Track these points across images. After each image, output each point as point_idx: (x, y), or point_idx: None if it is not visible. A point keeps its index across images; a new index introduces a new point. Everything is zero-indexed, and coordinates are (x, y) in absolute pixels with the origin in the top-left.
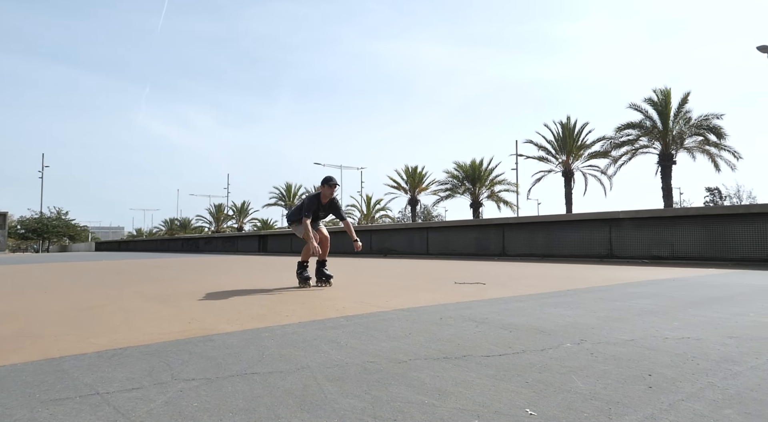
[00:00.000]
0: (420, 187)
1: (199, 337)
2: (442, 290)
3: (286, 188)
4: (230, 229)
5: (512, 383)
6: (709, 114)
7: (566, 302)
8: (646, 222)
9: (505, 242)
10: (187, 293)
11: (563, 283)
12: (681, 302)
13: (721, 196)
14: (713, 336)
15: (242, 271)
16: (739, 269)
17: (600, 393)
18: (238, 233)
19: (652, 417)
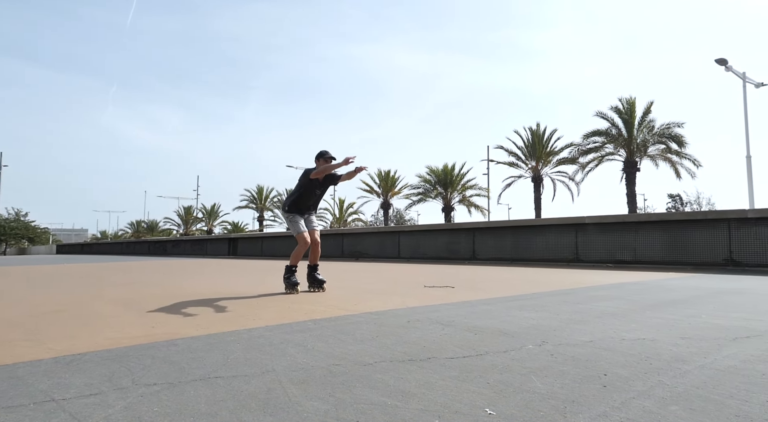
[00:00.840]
0: (392, 191)
1: (162, 342)
2: (412, 293)
3: (257, 190)
4: (199, 232)
5: (474, 384)
6: (671, 123)
7: (531, 305)
8: (611, 227)
9: (475, 246)
10: (152, 297)
11: (530, 286)
12: (640, 305)
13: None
14: (667, 337)
15: (210, 274)
16: (697, 273)
17: (557, 393)
18: (207, 236)
19: (605, 414)
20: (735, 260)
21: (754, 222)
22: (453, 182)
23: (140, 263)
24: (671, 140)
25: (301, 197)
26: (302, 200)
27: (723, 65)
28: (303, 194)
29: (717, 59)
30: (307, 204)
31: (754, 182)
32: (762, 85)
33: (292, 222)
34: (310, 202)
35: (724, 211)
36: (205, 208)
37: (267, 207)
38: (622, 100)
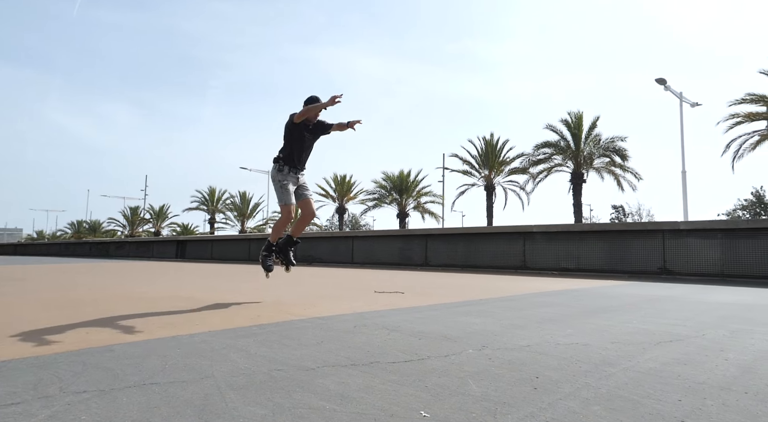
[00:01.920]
0: (348, 196)
1: (97, 347)
2: (362, 299)
3: (209, 192)
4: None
5: (412, 387)
6: (615, 137)
7: (476, 311)
8: (556, 236)
9: (428, 252)
10: (89, 301)
11: (477, 292)
12: (578, 311)
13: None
14: (599, 341)
15: (155, 277)
16: (634, 281)
17: (491, 395)
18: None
19: (532, 415)
20: (668, 269)
21: (685, 234)
22: (408, 188)
23: (79, 265)
24: (615, 153)
25: (294, 148)
26: (296, 151)
27: (662, 85)
28: (294, 144)
29: (657, 79)
30: (300, 156)
31: (688, 196)
32: (697, 105)
33: (281, 188)
34: (303, 153)
35: (659, 223)
36: (153, 209)
37: (219, 209)
38: (571, 114)
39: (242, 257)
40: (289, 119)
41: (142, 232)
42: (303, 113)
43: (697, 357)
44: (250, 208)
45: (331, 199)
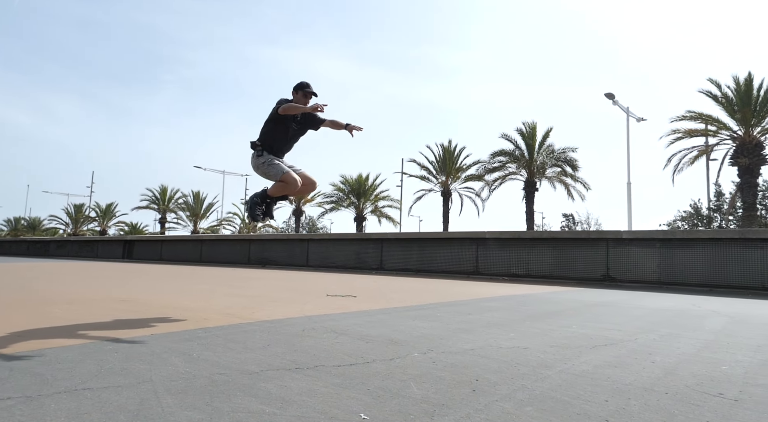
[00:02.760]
0: (306, 198)
1: (27, 352)
2: (314, 302)
3: (161, 190)
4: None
5: (355, 390)
6: (566, 148)
7: (426, 315)
8: (508, 243)
9: (383, 256)
10: (20, 302)
11: (429, 297)
12: (523, 316)
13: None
14: (539, 345)
15: (97, 279)
16: (579, 287)
17: (430, 397)
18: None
19: (468, 416)
20: (611, 276)
21: (627, 242)
22: (366, 192)
23: (14, 265)
24: (566, 163)
25: (277, 138)
26: (278, 142)
27: (611, 99)
28: (278, 134)
29: (606, 94)
30: (282, 148)
31: (633, 206)
32: (642, 120)
33: (269, 165)
34: (286, 145)
35: (604, 231)
36: (100, 207)
37: (171, 209)
38: (526, 124)
39: (194, 258)
40: (276, 107)
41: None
42: (285, 110)
43: (627, 360)
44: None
45: (288, 201)
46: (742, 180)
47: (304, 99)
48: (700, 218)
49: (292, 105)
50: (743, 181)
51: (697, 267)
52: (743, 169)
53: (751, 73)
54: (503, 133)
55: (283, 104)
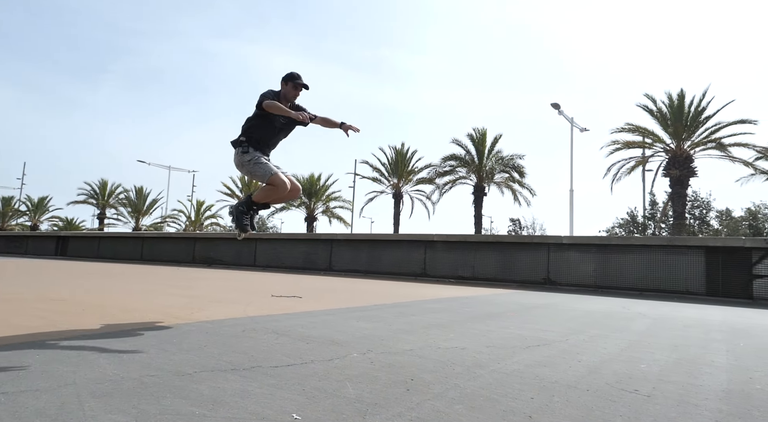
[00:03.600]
0: None
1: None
2: (257, 302)
3: (100, 185)
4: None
5: (290, 391)
6: (514, 154)
7: (370, 316)
8: (455, 245)
9: (333, 257)
10: None
11: (375, 298)
12: (465, 317)
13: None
14: (476, 345)
15: (28, 276)
16: (521, 290)
17: (365, 397)
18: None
19: (399, 414)
20: (551, 279)
21: (567, 247)
22: (318, 192)
23: None
24: (514, 170)
25: (264, 132)
26: (265, 136)
27: (556, 109)
28: (265, 128)
29: (552, 104)
30: (269, 142)
31: (575, 213)
32: (585, 130)
33: (256, 164)
34: (274, 139)
35: (545, 237)
36: (31, 200)
37: (111, 204)
38: (476, 130)
39: (135, 256)
40: (259, 100)
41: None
42: (269, 107)
43: (556, 360)
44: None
45: (237, 199)
46: (673, 191)
47: (293, 91)
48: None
49: (276, 105)
50: (674, 191)
51: (629, 272)
52: (674, 180)
53: (683, 90)
54: (454, 138)
55: (267, 99)
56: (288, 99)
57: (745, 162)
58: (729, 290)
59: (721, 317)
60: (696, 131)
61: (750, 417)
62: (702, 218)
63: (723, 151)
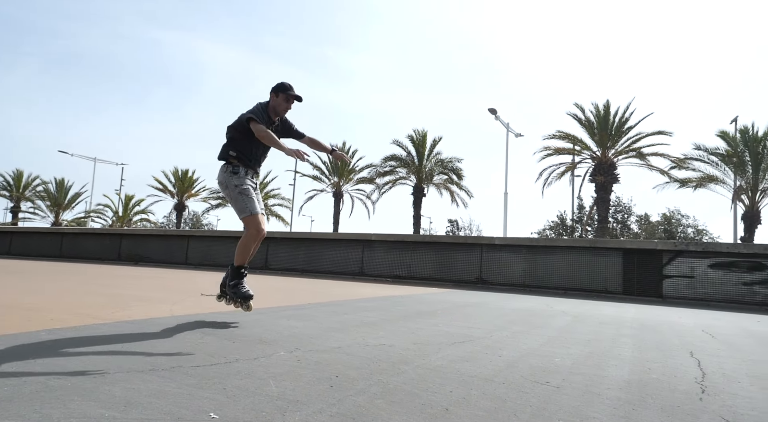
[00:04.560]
0: (189, 192)
1: None
2: (185, 301)
3: (14, 175)
4: None
5: (209, 390)
6: (453, 157)
7: (302, 315)
8: (393, 245)
9: (269, 255)
10: None
11: (310, 297)
12: (396, 316)
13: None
14: (404, 342)
15: None
16: (455, 289)
17: (287, 394)
18: None
19: (320, 410)
20: (484, 278)
21: (499, 248)
22: None
23: None
24: (452, 172)
25: (253, 145)
26: (254, 150)
27: (493, 114)
28: (254, 141)
29: (489, 109)
30: (259, 156)
31: (509, 215)
32: (520, 135)
33: (241, 194)
34: (264, 153)
35: (479, 237)
36: None
37: (27, 197)
38: (417, 131)
39: (53, 253)
40: (246, 116)
41: None
42: (260, 135)
43: (479, 355)
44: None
45: (170, 194)
46: (598, 196)
47: (285, 104)
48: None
49: (269, 136)
50: (599, 196)
51: (555, 272)
52: (599, 185)
53: (609, 101)
54: (395, 139)
55: (255, 121)
56: (278, 112)
57: (662, 170)
58: (642, 289)
59: (634, 314)
60: (619, 140)
61: (643, 403)
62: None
63: (643, 159)
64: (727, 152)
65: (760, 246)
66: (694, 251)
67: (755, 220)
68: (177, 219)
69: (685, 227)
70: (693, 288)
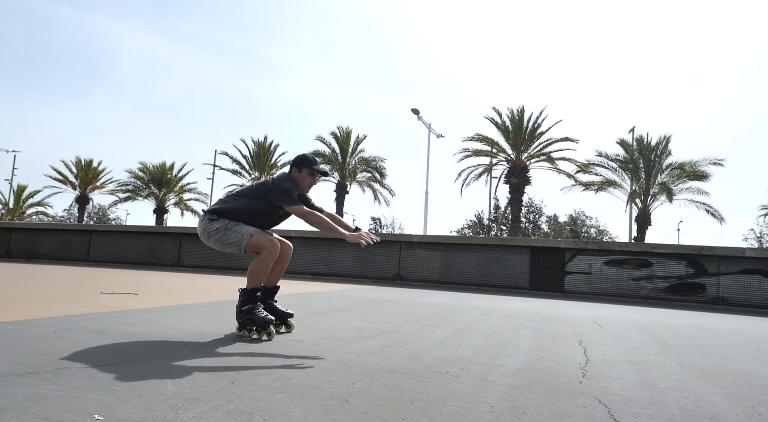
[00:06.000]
0: (94, 184)
1: None
2: (82, 300)
3: None
4: None
5: (97, 392)
6: (377, 157)
7: (212, 313)
8: (313, 242)
9: (182, 252)
10: None
11: (222, 294)
12: (311, 312)
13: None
14: (314, 338)
15: None
16: (374, 286)
17: (183, 392)
18: None
19: (216, 407)
20: (402, 275)
21: (417, 245)
22: (170, 182)
23: None
24: (376, 170)
25: (256, 218)
26: (257, 222)
27: (416, 114)
28: (261, 215)
29: (412, 109)
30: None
31: (429, 213)
32: (441, 136)
33: (227, 229)
34: (270, 224)
35: (398, 235)
36: None
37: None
38: (341, 128)
39: None
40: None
41: None
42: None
43: (387, 348)
44: None
45: (71, 186)
46: (512, 197)
47: (310, 179)
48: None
49: (324, 223)
50: (513, 197)
51: (470, 269)
52: (513, 187)
53: (524, 106)
54: (318, 135)
55: (299, 207)
56: (301, 189)
57: (568, 174)
58: (547, 285)
59: (536, 308)
60: (532, 145)
61: (530, 388)
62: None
63: (552, 163)
64: (625, 158)
65: (647, 245)
66: (591, 249)
67: (646, 221)
68: (79, 213)
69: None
70: (590, 283)
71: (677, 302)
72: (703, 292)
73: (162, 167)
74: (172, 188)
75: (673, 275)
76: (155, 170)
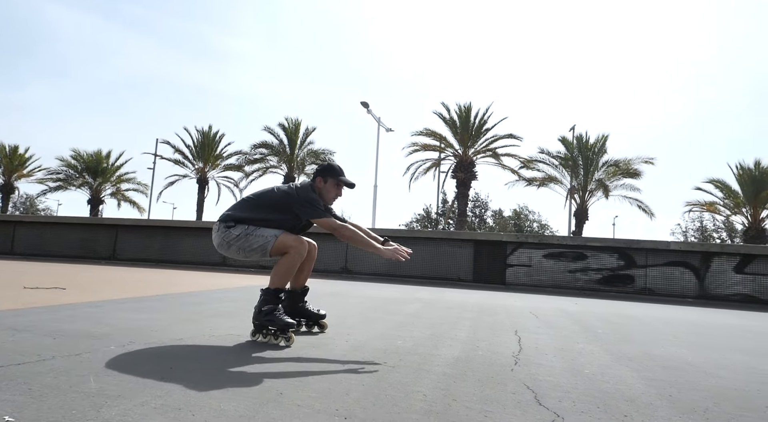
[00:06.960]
0: (20, 172)
1: None
2: (1, 296)
3: None
4: None
5: (10, 392)
6: (326, 149)
7: (148, 307)
8: None
9: (117, 245)
10: None
11: (161, 288)
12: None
13: None
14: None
15: None
16: (321, 279)
17: (108, 390)
18: None
19: (143, 403)
20: (349, 269)
21: None
22: (106, 171)
23: None
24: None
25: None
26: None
27: (365, 108)
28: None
29: (362, 102)
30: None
31: (378, 207)
32: (390, 130)
33: (248, 234)
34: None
35: None
36: None
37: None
38: (290, 119)
39: None
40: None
41: None
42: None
43: (328, 341)
44: None
45: None
46: (459, 191)
47: (335, 190)
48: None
49: (358, 238)
50: (459, 192)
51: (416, 262)
52: (460, 182)
53: (471, 103)
54: (266, 126)
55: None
56: (325, 200)
57: (512, 170)
58: (490, 277)
59: (478, 299)
60: (478, 141)
61: (464, 376)
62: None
63: (497, 159)
64: (566, 155)
65: (582, 239)
66: (531, 243)
67: (584, 216)
68: (3, 203)
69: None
70: (530, 276)
71: (609, 293)
72: (632, 283)
73: (97, 155)
74: (108, 177)
75: (605, 268)
76: (90, 158)
